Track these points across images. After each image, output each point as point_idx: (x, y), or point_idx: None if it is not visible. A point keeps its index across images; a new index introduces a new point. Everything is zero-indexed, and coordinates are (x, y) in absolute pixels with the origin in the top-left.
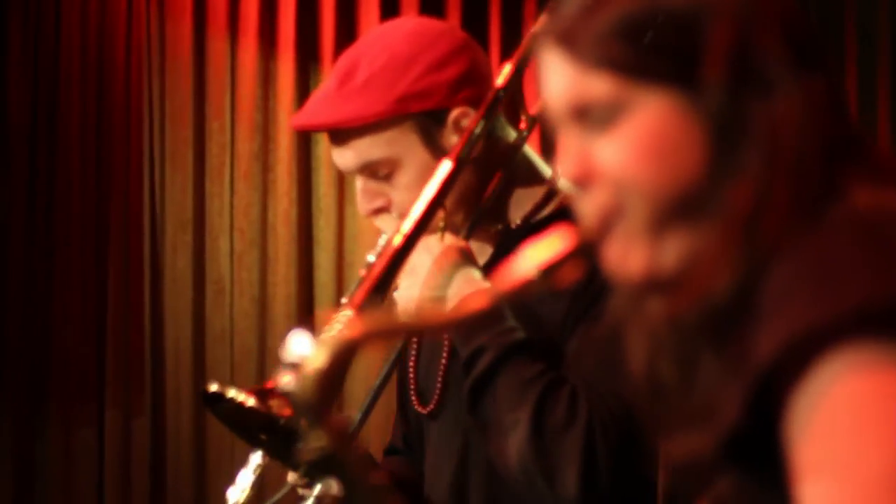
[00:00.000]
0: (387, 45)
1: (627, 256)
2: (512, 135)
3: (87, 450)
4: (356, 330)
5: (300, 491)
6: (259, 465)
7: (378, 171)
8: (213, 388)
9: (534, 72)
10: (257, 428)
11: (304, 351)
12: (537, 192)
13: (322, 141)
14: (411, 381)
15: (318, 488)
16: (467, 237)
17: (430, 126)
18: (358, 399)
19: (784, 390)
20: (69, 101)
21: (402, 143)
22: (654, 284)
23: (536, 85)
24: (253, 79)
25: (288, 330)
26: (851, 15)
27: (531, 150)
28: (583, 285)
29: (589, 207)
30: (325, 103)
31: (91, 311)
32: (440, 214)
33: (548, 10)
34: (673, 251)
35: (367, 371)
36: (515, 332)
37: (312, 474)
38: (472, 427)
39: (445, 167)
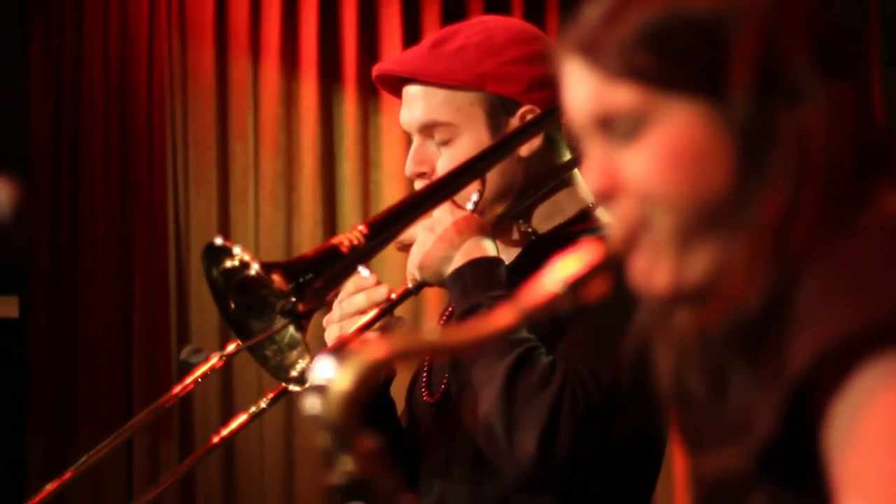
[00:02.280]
0: (487, 28)
1: (654, 269)
2: (567, 156)
3: (117, 475)
4: (381, 351)
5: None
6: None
7: (436, 134)
8: (219, 241)
9: None
10: (237, 292)
11: (328, 374)
12: (570, 210)
13: (347, 161)
14: (424, 373)
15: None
16: (495, 227)
17: (498, 110)
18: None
19: (821, 401)
20: (92, 126)
21: (467, 115)
22: (682, 297)
23: None
24: (276, 99)
25: (316, 350)
26: (875, 20)
27: (579, 175)
28: None
29: (616, 220)
30: (413, 57)
31: (118, 338)
32: (476, 186)
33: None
34: (701, 263)
35: (400, 386)
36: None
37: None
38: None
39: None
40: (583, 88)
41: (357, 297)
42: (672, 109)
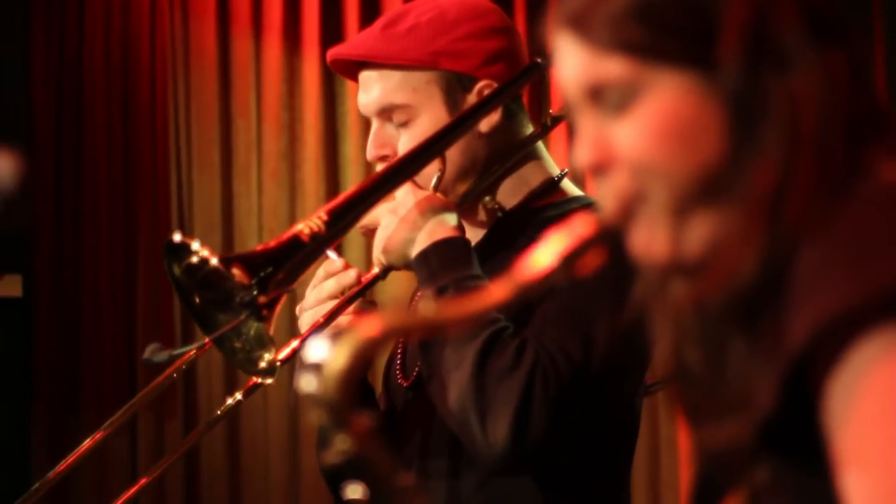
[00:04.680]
0: (439, 5)
1: (652, 241)
2: (530, 129)
3: (121, 455)
4: (376, 328)
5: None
6: None
7: (395, 116)
8: (178, 237)
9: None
10: (203, 288)
11: (323, 353)
12: (536, 183)
13: (350, 138)
14: (398, 356)
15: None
16: (460, 206)
17: (455, 88)
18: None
19: (819, 374)
20: (94, 104)
21: (424, 95)
22: (680, 268)
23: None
24: (278, 77)
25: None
26: None
27: (543, 148)
28: None
29: (608, 193)
30: (365, 40)
31: (121, 317)
32: (436, 165)
33: None
34: (698, 234)
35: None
36: (479, 280)
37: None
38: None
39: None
40: (573, 62)
41: (328, 282)
42: (662, 80)
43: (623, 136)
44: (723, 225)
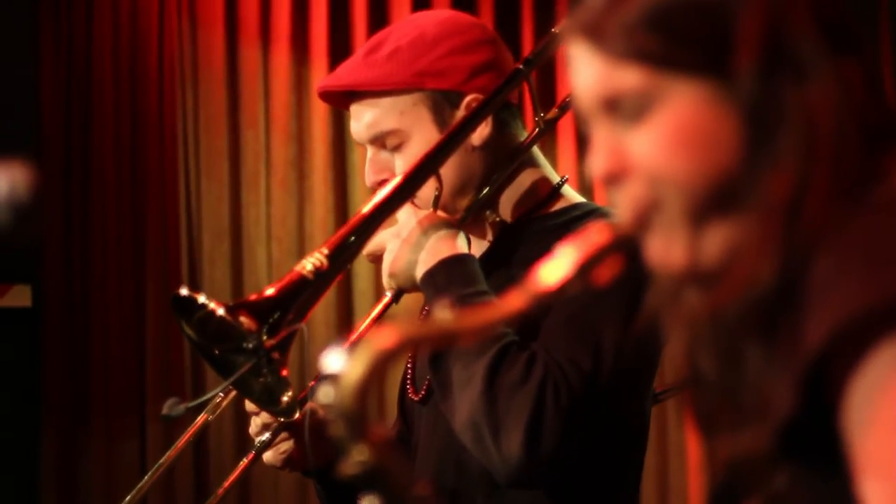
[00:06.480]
0: (418, 25)
1: (669, 250)
2: (524, 136)
3: (130, 463)
4: (392, 339)
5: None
6: None
7: (387, 142)
8: (184, 291)
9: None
10: (216, 340)
11: (340, 364)
12: (536, 190)
13: (357, 148)
14: (409, 370)
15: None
16: (463, 221)
17: (442, 106)
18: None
19: (838, 379)
20: (103, 114)
21: (413, 117)
22: (696, 277)
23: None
24: (286, 86)
25: (327, 338)
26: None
27: (541, 155)
28: None
29: (624, 202)
30: (349, 69)
31: (131, 324)
32: (433, 184)
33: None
34: (714, 243)
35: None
36: (486, 296)
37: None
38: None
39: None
40: (588, 71)
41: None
42: (678, 90)
43: (639, 146)
44: (739, 233)
